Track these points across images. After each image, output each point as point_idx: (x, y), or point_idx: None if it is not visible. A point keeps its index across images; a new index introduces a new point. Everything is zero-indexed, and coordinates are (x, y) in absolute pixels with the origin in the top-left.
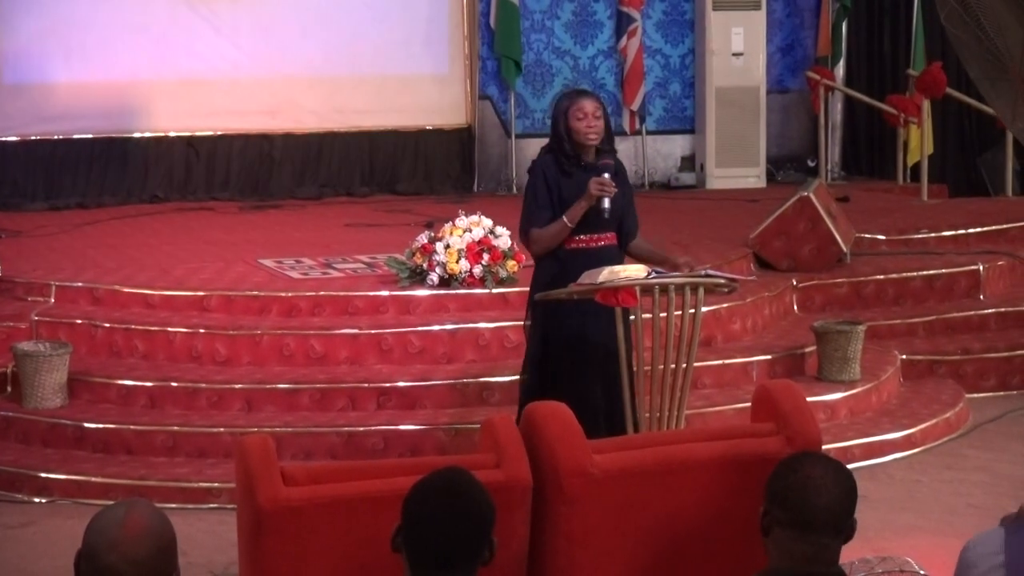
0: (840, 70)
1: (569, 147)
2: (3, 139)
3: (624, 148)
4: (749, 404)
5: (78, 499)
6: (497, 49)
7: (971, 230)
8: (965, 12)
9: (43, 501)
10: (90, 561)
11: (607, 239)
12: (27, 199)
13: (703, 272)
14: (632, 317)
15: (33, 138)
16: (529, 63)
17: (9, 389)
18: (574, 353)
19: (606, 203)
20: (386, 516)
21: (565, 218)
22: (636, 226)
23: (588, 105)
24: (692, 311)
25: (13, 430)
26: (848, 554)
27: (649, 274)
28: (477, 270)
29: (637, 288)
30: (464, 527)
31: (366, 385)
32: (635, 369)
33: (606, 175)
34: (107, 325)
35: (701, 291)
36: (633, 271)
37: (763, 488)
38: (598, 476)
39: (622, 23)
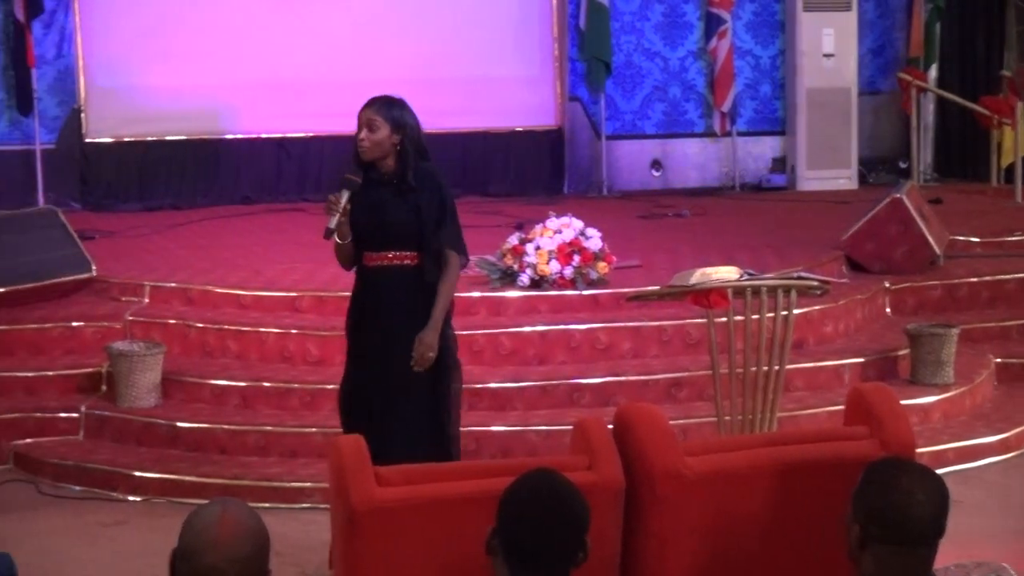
0: (932, 71)
1: (355, 158)
2: (97, 141)
3: (714, 149)
4: (841, 407)
5: (172, 498)
6: (587, 51)
7: None
8: None
9: (137, 500)
10: (189, 561)
11: (390, 259)
12: (120, 200)
13: (795, 274)
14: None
15: (127, 140)
16: (619, 64)
17: (104, 388)
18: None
19: (331, 223)
20: (478, 517)
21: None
22: (440, 254)
23: (361, 115)
24: (784, 313)
25: (108, 429)
26: (942, 559)
27: (742, 275)
28: (568, 271)
29: (729, 290)
30: (561, 529)
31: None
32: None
33: (343, 192)
34: (200, 325)
35: (793, 293)
36: (725, 272)
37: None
38: (690, 478)
39: (712, 24)
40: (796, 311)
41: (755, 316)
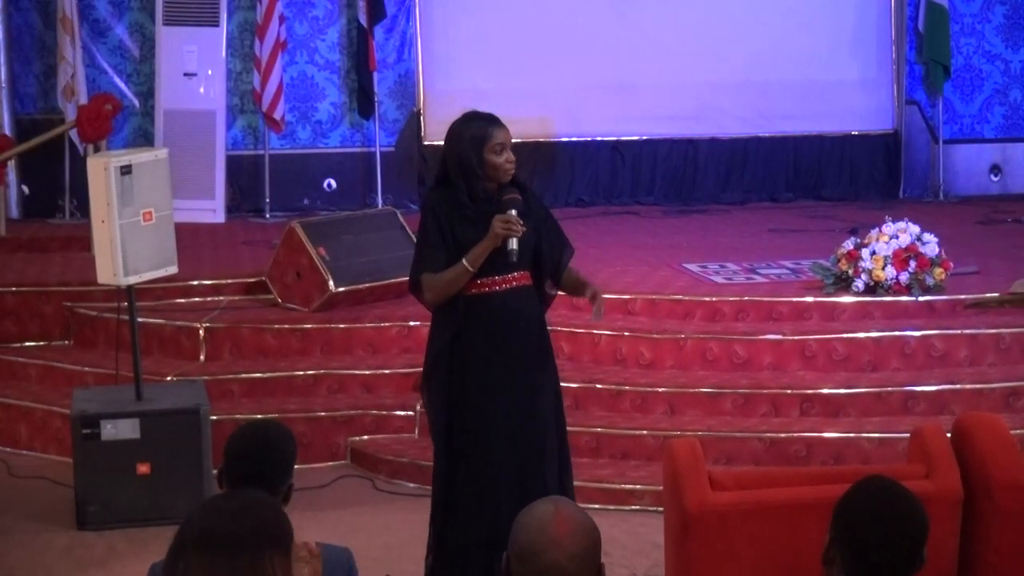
0: None
1: (481, 184)
2: (435, 143)
3: None
4: None
5: None
6: (925, 53)
7: None
8: None
9: None
10: (528, 561)
11: (518, 279)
12: None
13: None
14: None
15: None
16: (958, 67)
17: None
18: (479, 417)
19: (513, 244)
20: (810, 524)
21: (465, 261)
22: (564, 257)
23: (504, 135)
24: None
25: None
26: None
27: None
28: (903, 277)
29: None
30: (903, 537)
31: (789, 391)
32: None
33: (513, 211)
34: None
35: None
36: None
37: None
38: None
39: None
40: None
41: None
